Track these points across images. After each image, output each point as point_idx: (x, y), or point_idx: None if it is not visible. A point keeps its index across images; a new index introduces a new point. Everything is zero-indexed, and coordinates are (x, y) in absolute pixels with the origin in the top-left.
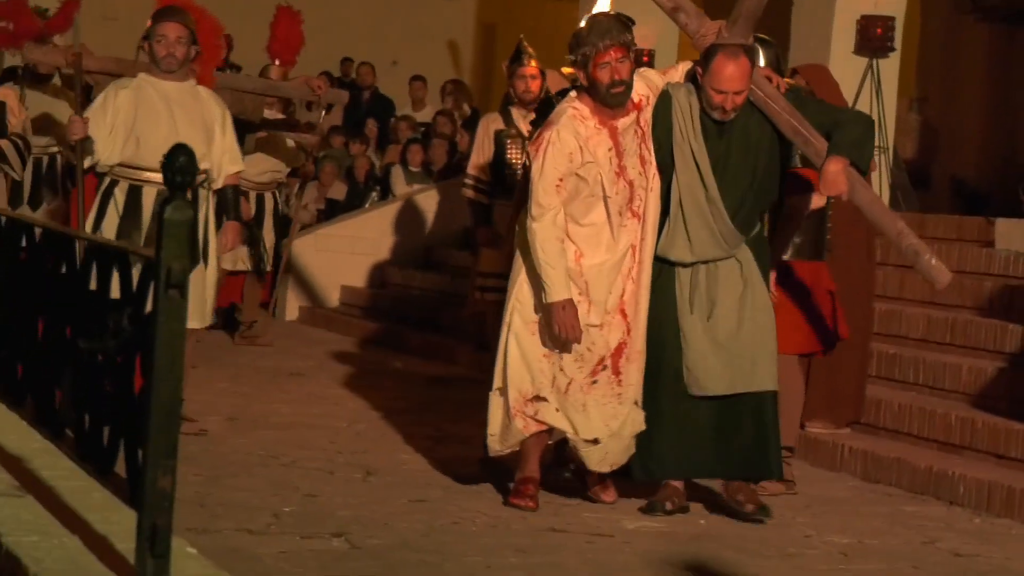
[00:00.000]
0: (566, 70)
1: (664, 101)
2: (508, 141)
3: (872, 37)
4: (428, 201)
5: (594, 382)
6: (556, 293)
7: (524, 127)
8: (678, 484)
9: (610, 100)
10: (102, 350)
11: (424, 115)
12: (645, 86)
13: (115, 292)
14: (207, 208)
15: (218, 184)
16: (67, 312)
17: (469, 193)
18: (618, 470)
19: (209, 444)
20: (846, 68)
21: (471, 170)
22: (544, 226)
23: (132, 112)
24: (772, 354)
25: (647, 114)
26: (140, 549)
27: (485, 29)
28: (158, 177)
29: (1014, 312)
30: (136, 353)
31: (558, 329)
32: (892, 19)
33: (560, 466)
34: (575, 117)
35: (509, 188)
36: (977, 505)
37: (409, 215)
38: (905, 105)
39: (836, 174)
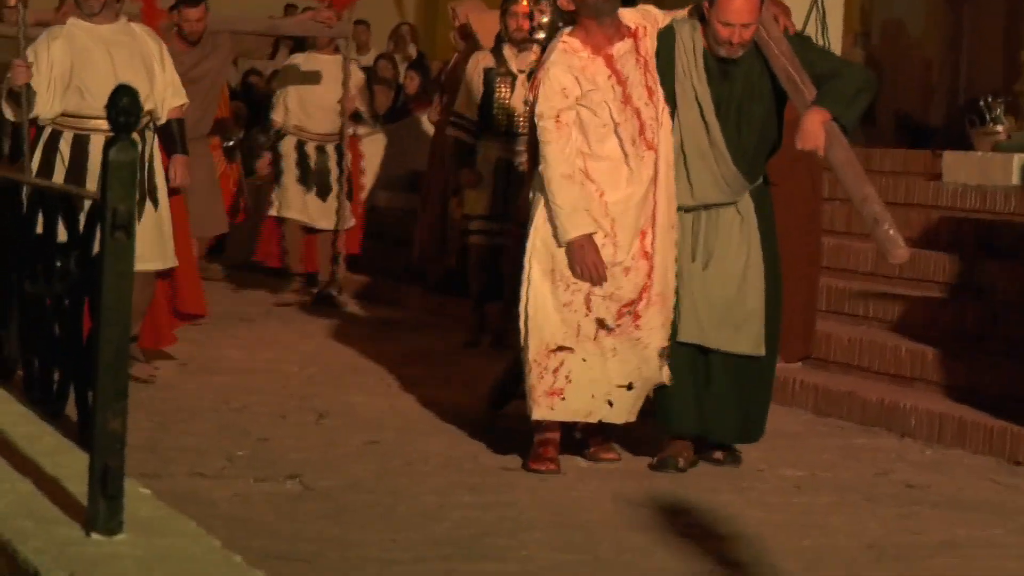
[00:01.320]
0: None
1: (667, 35)
2: (498, 79)
3: None
4: (374, 146)
5: (618, 325)
6: (570, 230)
7: (515, 66)
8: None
9: None
10: (50, 293)
11: (368, 59)
12: (641, 17)
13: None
14: (152, 148)
15: (162, 120)
16: (14, 256)
17: (454, 132)
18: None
19: (159, 390)
20: (792, 4)
21: (458, 108)
22: (551, 164)
23: (68, 61)
24: (759, 317)
25: (647, 44)
26: (92, 491)
27: None
28: (106, 124)
29: (961, 244)
30: (84, 296)
31: (580, 270)
32: None
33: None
34: (565, 51)
35: (496, 128)
36: (928, 436)
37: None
38: (850, 40)
39: (815, 126)
